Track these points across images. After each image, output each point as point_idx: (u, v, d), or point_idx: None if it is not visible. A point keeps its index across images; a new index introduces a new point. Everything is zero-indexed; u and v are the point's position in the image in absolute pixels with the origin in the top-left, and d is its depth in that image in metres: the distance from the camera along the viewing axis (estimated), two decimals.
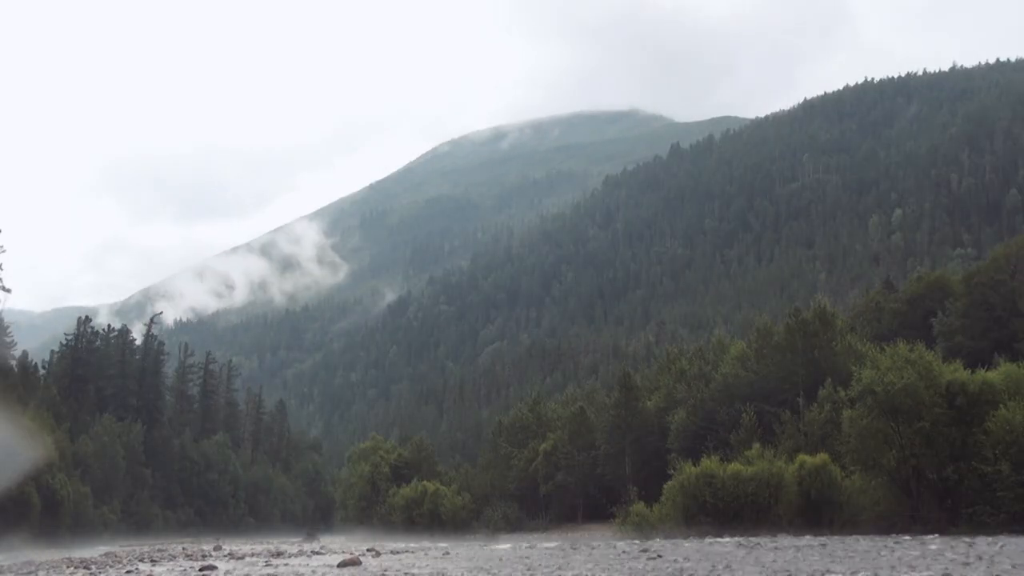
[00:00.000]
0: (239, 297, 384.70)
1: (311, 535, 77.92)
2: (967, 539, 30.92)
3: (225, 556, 44.21)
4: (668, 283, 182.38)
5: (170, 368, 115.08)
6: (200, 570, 32.65)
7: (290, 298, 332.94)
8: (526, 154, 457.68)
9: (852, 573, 21.10)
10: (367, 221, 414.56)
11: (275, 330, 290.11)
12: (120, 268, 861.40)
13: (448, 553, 38.41)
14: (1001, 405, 36.59)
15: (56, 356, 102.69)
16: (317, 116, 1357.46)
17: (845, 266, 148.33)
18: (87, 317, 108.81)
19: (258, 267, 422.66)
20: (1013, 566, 21.21)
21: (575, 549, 37.47)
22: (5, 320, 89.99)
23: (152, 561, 40.36)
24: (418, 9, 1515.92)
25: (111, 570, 33.96)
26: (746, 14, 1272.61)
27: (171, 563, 38.15)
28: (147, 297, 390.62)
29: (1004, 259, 63.40)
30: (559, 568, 26.09)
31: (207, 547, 57.96)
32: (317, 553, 45.09)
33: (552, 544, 44.34)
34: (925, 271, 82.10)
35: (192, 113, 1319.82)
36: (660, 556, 29.01)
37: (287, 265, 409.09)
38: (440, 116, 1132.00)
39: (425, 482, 73.33)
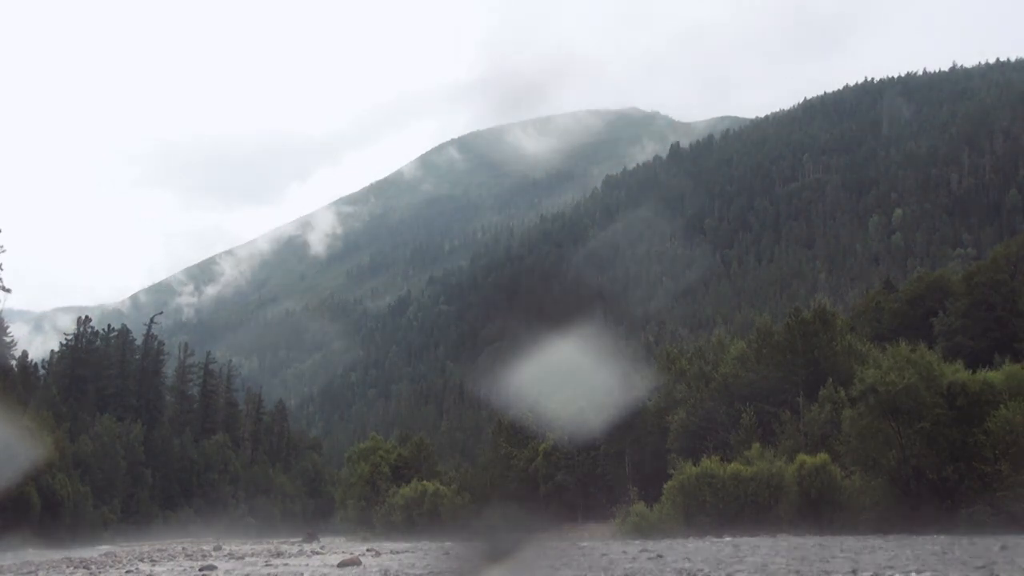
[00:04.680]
0: (239, 296, 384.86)
1: (311, 535, 77.80)
2: (967, 539, 30.91)
3: (225, 556, 44.21)
4: (668, 283, 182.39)
5: (170, 368, 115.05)
6: (200, 570, 32.66)
7: (290, 297, 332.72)
8: (526, 154, 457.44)
9: (852, 573, 21.09)
10: (367, 221, 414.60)
11: (275, 330, 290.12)
12: (120, 267, 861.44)
13: (448, 553, 38.41)
14: (1001, 405, 36.61)
15: (56, 356, 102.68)
16: (320, 113, 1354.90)
17: (845, 266, 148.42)
18: (87, 317, 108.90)
19: (259, 266, 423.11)
20: (1013, 566, 21.21)
21: (574, 548, 37.46)
22: (5, 320, 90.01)
23: (152, 561, 40.37)
24: (419, 6, 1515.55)
25: (111, 570, 33.97)
26: (747, 13, 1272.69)
27: (171, 563, 38.17)
28: (148, 296, 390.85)
29: (1004, 259, 63.50)
30: (558, 568, 26.09)
31: (207, 547, 57.94)
32: (317, 553, 45.10)
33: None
34: (925, 271, 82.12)
35: (190, 109, 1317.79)
36: (660, 556, 29.02)
37: (287, 264, 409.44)
38: (440, 114, 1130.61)
39: (425, 482, 73.28)
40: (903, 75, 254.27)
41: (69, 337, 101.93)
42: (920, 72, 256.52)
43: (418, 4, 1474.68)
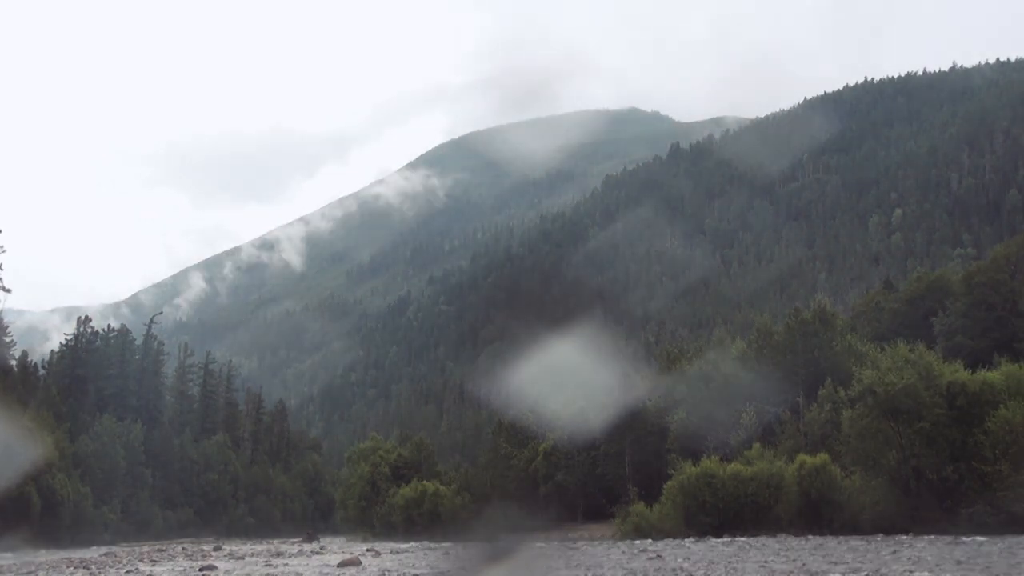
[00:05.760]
0: (239, 296, 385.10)
1: (311, 535, 77.87)
2: (967, 539, 30.92)
3: (225, 556, 44.24)
4: (668, 283, 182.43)
5: (170, 368, 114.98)
6: (200, 570, 32.70)
7: (290, 297, 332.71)
8: (526, 154, 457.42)
9: (852, 573, 21.11)
10: (367, 220, 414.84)
11: (275, 330, 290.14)
12: (121, 267, 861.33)
13: (448, 553, 38.43)
14: (1001, 405, 36.61)
15: (56, 356, 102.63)
16: (322, 112, 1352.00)
17: (845, 266, 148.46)
18: (87, 317, 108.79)
19: (259, 266, 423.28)
20: (1012, 566, 21.22)
21: (574, 548, 37.48)
22: (5, 320, 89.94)
23: (152, 561, 40.40)
24: (420, 6, 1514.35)
25: (111, 570, 34.00)
26: (746, 14, 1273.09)
27: (171, 563, 38.20)
28: (148, 296, 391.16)
29: (1004, 259, 63.57)
30: (558, 568, 26.11)
31: (207, 547, 58.00)
32: (317, 553, 45.13)
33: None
34: (925, 271, 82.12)
35: (190, 109, 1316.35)
36: (660, 556, 29.04)
37: (287, 263, 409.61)
38: (440, 114, 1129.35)
39: (425, 482, 73.22)
40: (903, 75, 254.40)
41: (69, 337, 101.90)
42: (920, 72, 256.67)
43: (418, 4, 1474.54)
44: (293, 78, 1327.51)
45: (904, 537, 34.16)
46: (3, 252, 78.81)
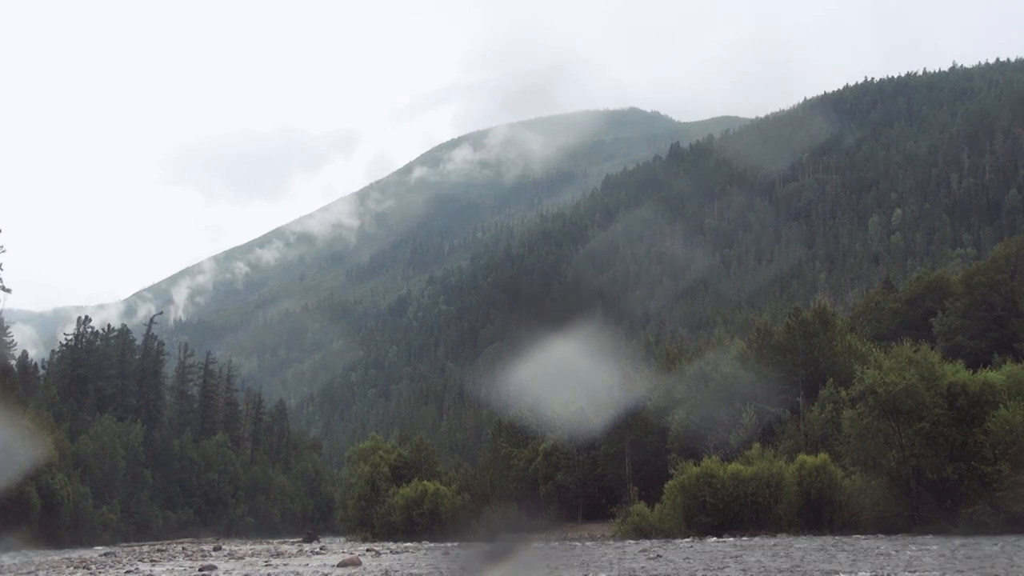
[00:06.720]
0: (239, 296, 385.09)
1: (311, 535, 77.81)
2: (967, 539, 30.92)
3: (225, 556, 44.23)
4: (668, 283, 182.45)
5: (170, 368, 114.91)
6: (200, 570, 32.70)
7: (290, 297, 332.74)
8: (526, 154, 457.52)
9: (852, 573, 21.10)
10: (367, 220, 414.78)
11: (275, 330, 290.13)
12: (120, 268, 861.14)
13: (448, 553, 38.43)
14: (1001, 405, 36.62)
15: (56, 356, 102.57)
16: (323, 112, 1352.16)
17: (845, 266, 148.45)
18: (87, 317, 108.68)
19: (259, 265, 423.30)
20: (1012, 566, 21.22)
21: (574, 548, 37.47)
22: (5, 320, 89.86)
23: (152, 561, 40.40)
24: (420, 6, 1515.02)
25: (111, 570, 34.00)
26: (745, 14, 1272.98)
27: (171, 563, 38.19)
28: (147, 296, 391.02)
29: (1004, 259, 63.60)
30: (558, 568, 26.11)
31: (207, 547, 58.00)
32: (317, 553, 45.12)
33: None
34: (925, 271, 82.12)
35: (187, 110, 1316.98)
36: (660, 556, 29.04)
37: (287, 263, 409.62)
38: (441, 114, 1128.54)
39: (425, 482, 73.15)
40: (903, 75, 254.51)
41: (69, 337, 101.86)
42: (920, 72, 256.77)
43: (420, 5, 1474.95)
44: (298, 80, 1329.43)
45: (904, 537, 34.16)
46: (3, 252, 78.63)
